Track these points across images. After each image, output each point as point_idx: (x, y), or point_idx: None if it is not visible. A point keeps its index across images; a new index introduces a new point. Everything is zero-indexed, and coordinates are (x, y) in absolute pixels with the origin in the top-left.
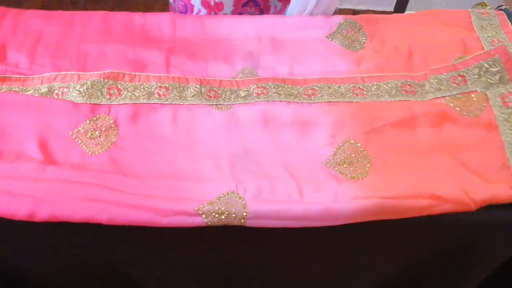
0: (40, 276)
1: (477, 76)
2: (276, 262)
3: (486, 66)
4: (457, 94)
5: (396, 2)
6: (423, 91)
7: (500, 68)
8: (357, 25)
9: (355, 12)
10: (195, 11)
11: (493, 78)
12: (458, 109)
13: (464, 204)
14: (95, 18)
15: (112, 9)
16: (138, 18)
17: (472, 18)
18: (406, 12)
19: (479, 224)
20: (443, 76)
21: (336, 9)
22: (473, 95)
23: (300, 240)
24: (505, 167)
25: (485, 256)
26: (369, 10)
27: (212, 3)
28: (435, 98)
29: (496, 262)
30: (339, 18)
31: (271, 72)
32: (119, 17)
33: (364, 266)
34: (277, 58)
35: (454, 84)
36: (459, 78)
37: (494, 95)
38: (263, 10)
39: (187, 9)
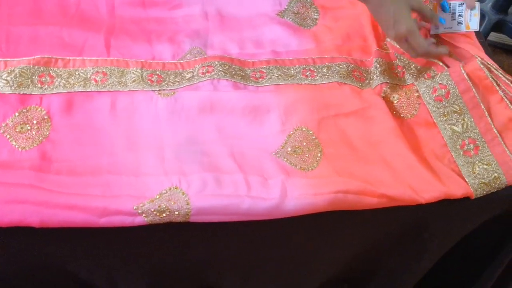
0: None
1: (406, 71)
2: (227, 254)
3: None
4: (396, 85)
5: None
6: (370, 79)
7: (405, 59)
8: (308, 0)
9: None
10: None
11: (411, 70)
12: (396, 113)
13: (414, 201)
14: None
15: None
16: None
17: None
18: None
19: (431, 205)
20: (384, 61)
21: None
22: (406, 92)
23: (251, 231)
24: (450, 163)
25: (439, 235)
26: None
27: None
28: (380, 84)
29: (450, 240)
30: None
31: (220, 51)
32: None
33: (319, 253)
34: (226, 36)
35: (393, 75)
36: (398, 69)
37: (426, 92)
38: None
39: None
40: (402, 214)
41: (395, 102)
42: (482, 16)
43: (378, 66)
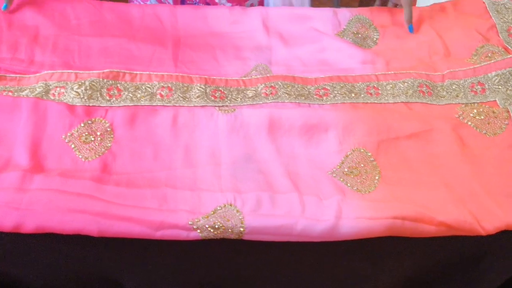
0: None
1: (497, 86)
2: (276, 273)
3: (508, 75)
4: (474, 103)
5: None
6: (440, 95)
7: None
8: (367, 20)
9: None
10: None
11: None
12: (477, 128)
13: (474, 231)
14: (88, 8)
15: None
16: (135, 9)
17: (486, 3)
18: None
19: (491, 235)
20: (461, 82)
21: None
22: (494, 111)
23: (301, 251)
24: None
25: (497, 266)
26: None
27: None
28: (451, 104)
29: (509, 272)
30: (348, 14)
31: (285, 68)
32: (114, 7)
33: (368, 276)
34: (290, 53)
35: (472, 92)
36: (478, 86)
37: None
38: (209, 4)
39: None
40: (459, 242)
41: (478, 117)
42: None
43: (451, 89)
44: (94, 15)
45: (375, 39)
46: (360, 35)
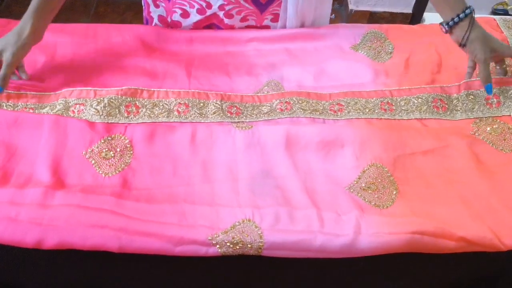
0: None
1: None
2: None
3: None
4: (489, 118)
5: (415, 3)
6: (455, 109)
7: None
8: (382, 35)
9: (372, 14)
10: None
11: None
12: (493, 145)
13: (494, 247)
14: (109, 32)
15: (123, 12)
16: (154, 33)
17: (497, 21)
18: (425, 13)
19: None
20: (478, 92)
21: (351, 11)
22: (509, 127)
23: (320, 267)
24: None
25: None
26: (386, 12)
27: (169, 20)
28: (466, 119)
29: None
30: (363, 29)
31: (296, 84)
32: (134, 31)
33: None
34: (301, 69)
35: (488, 105)
36: (494, 99)
37: None
38: None
39: (147, 22)
40: (476, 258)
41: (493, 134)
42: None
43: (467, 100)
44: (115, 38)
45: (389, 52)
46: (374, 49)
